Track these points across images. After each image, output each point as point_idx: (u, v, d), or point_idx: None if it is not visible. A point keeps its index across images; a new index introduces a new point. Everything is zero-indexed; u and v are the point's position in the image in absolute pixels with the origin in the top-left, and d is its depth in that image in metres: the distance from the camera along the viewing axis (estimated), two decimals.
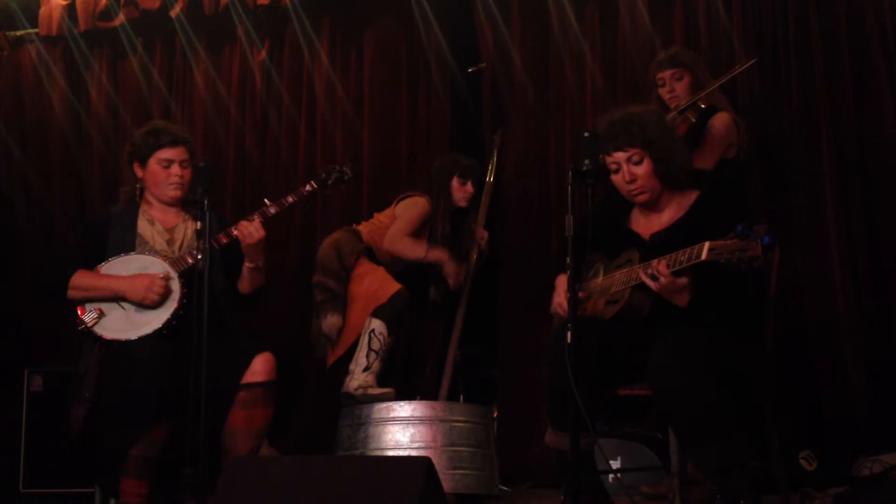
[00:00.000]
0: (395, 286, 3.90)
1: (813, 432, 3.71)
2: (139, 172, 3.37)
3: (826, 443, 3.66)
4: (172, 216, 3.39)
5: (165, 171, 3.33)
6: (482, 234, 4.23)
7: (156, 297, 3.15)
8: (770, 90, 4.12)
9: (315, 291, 3.98)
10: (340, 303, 3.94)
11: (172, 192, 3.35)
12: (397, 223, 4.07)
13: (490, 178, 4.38)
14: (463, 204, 4.18)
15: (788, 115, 4.08)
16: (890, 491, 3.06)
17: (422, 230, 4.11)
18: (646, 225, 2.93)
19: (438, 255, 4.07)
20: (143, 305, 3.16)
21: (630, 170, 2.84)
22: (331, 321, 3.92)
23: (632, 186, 2.86)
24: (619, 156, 2.85)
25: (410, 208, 4.10)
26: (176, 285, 3.19)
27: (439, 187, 4.15)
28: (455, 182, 4.16)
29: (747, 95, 4.10)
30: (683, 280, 2.64)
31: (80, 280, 3.19)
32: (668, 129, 2.92)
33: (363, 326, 3.86)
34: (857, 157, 3.98)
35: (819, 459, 3.57)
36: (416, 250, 4.04)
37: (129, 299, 3.16)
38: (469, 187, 4.17)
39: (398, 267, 4.10)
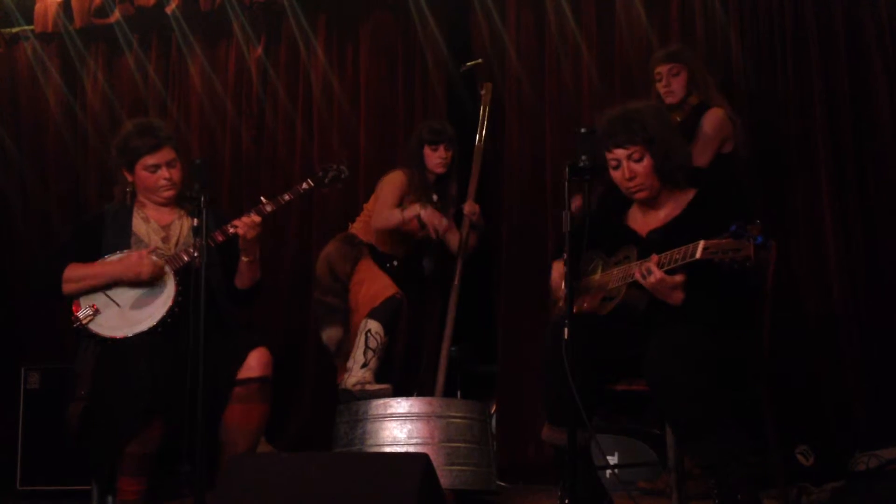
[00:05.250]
0: (390, 290, 3.91)
1: (810, 427, 3.72)
2: (129, 177, 3.35)
3: (823, 438, 3.68)
4: (167, 213, 3.38)
5: (154, 175, 3.30)
6: (473, 208, 4.06)
7: (148, 271, 3.13)
8: (767, 87, 4.12)
9: (315, 307, 4.01)
10: (340, 315, 3.95)
11: (165, 194, 3.33)
12: (377, 204, 4.06)
13: (479, 142, 4.20)
14: (440, 170, 4.10)
15: (785, 111, 4.08)
16: (886, 485, 3.07)
17: (406, 203, 4.06)
18: (643, 222, 2.93)
19: (412, 210, 3.97)
20: (139, 284, 3.14)
21: (630, 167, 2.84)
22: (329, 334, 3.96)
23: (631, 184, 2.86)
24: (620, 153, 2.84)
25: (385, 186, 4.08)
26: (171, 282, 3.18)
27: (412, 158, 4.11)
28: (426, 150, 4.08)
29: (744, 92, 4.10)
30: (676, 278, 2.64)
31: (73, 272, 3.17)
32: (670, 126, 2.90)
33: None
34: (854, 153, 3.99)
35: (816, 454, 3.58)
36: (392, 218, 3.98)
37: (124, 280, 3.15)
38: (442, 152, 4.07)
39: (400, 249, 4.10)
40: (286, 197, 3.37)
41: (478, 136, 4.23)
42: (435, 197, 4.13)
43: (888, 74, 3.97)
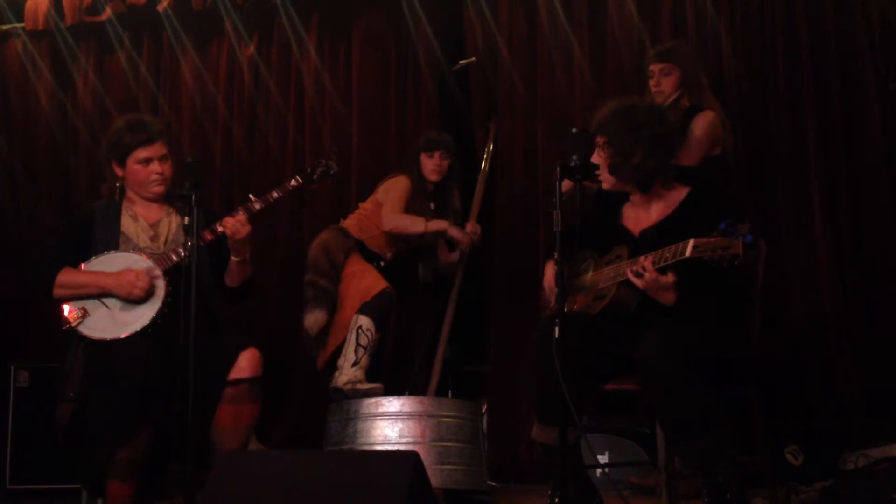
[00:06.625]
0: (381, 285, 3.91)
1: (799, 427, 3.73)
2: (119, 171, 3.33)
3: (812, 437, 3.69)
4: (155, 211, 3.36)
5: (145, 169, 3.29)
6: (475, 229, 4.18)
7: (141, 293, 3.12)
8: (757, 85, 4.13)
9: (306, 290, 3.99)
10: (329, 299, 3.94)
11: (155, 189, 3.31)
12: (387, 204, 4.08)
13: (485, 167, 4.34)
14: (434, 177, 4.15)
15: (775, 109, 4.10)
16: (875, 485, 3.08)
17: (410, 207, 4.11)
18: (635, 221, 2.95)
19: (439, 224, 4.06)
20: (130, 301, 3.13)
21: (594, 155, 2.90)
22: (315, 316, 3.91)
23: (597, 172, 2.90)
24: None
25: (393, 187, 4.11)
26: (161, 283, 3.16)
27: (411, 165, 4.16)
28: (423, 157, 4.14)
29: (735, 90, 4.11)
30: (669, 278, 2.65)
31: (66, 278, 3.15)
32: (635, 126, 2.85)
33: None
34: (844, 151, 4.00)
35: (805, 454, 3.59)
36: (416, 225, 4.05)
37: (116, 295, 3.13)
38: (437, 159, 4.14)
39: (393, 249, 4.12)
40: (275, 194, 3.36)
41: (483, 164, 4.33)
42: (432, 206, 4.15)
43: (878, 74, 3.98)
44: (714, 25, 4.16)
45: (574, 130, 2.67)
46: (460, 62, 4.51)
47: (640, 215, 2.94)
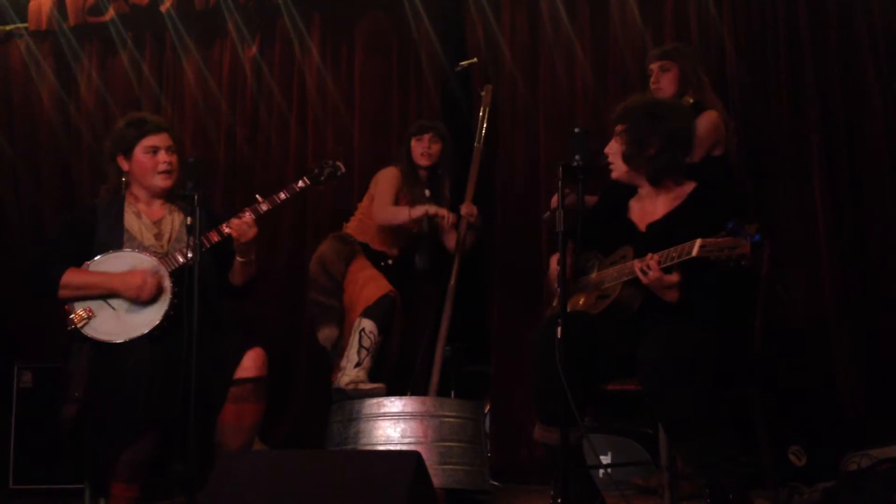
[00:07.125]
0: (384, 289, 3.91)
1: (802, 427, 3.73)
2: (125, 165, 3.31)
3: (815, 438, 3.68)
4: (158, 208, 3.34)
5: (153, 158, 3.27)
6: (470, 210, 4.08)
7: (150, 294, 3.12)
8: (760, 86, 4.13)
9: (309, 307, 4.01)
10: (335, 314, 3.96)
11: (162, 183, 3.29)
12: (376, 198, 4.09)
13: (479, 143, 4.23)
14: (424, 161, 4.13)
15: (778, 111, 4.10)
16: (878, 485, 3.08)
17: (401, 199, 4.10)
18: (641, 215, 2.95)
19: (421, 209, 4.02)
20: (137, 302, 3.13)
21: (610, 143, 2.93)
22: (325, 333, 3.96)
23: (607, 160, 2.93)
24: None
25: (382, 181, 4.12)
26: (167, 285, 3.16)
27: (403, 152, 4.17)
28: (413, 141, 4.14)
29: (737, 91, 4.11)
30: (673, 278, 2.65)
31: (72, 278, 3.13)
32: (654, 119, 2.88)
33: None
34: (846, 152, 4.00)
35: (808, 454, 3.59)
36: (399, 214, 4.03)
37: (123, 296, 3.13)
38: (426, 142, 4.12)
39: (394, 248, 4.11)
40: (282, 195, 3.35)
41: (477, 137, 4.24)
42: (427, 192, 4.14)
43: (880, 74, 3.98)
44: (716, 26, 4.16)
45: (576, 130, 2.68)
46: (462, 63, 4.50)
47: (647, 209, 2.94)
